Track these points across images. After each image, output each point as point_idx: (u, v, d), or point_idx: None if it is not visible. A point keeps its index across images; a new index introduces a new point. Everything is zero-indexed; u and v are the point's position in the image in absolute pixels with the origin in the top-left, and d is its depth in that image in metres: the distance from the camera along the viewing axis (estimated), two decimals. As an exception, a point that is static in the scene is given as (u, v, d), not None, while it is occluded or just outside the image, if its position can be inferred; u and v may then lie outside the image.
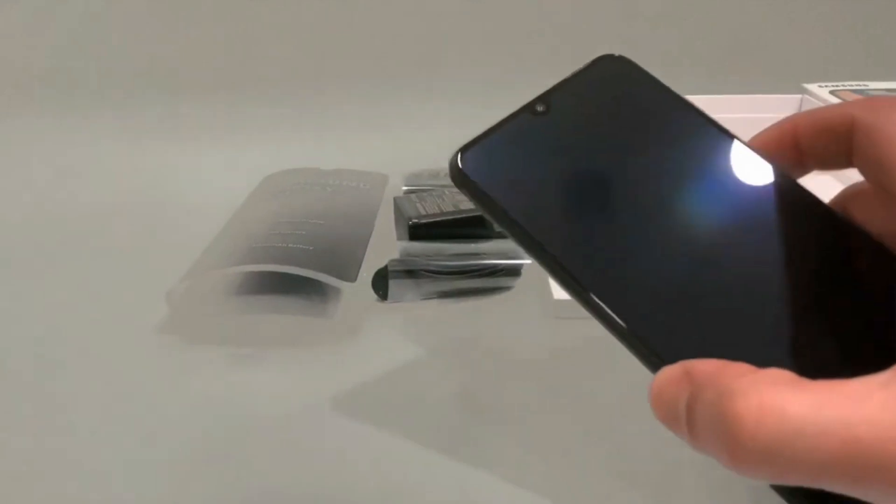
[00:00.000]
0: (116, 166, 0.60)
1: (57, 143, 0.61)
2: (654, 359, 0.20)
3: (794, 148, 0.23)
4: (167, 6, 0.64)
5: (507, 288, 0.44)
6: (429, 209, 0.47)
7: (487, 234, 0.46)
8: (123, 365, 0.39)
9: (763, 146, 0.24)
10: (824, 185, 0.24)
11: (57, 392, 0.37)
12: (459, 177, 0.24)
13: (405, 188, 0.53)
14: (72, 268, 0.47)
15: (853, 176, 0.22)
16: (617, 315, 0.21)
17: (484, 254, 0.44)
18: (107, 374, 0.38)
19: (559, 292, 0.41)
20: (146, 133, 0.62)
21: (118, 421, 0.35)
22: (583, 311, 0.21)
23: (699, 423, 0.16)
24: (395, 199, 0.49)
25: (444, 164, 0.56)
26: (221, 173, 0.58)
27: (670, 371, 0.18)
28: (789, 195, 0.22)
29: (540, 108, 0.25)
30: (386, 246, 0.45)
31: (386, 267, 0.43)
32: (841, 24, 0.72)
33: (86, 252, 0.49)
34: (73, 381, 0.38)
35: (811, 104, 0.54)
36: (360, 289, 0.41)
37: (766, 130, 0.24)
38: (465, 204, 0.47)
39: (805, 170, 0.24)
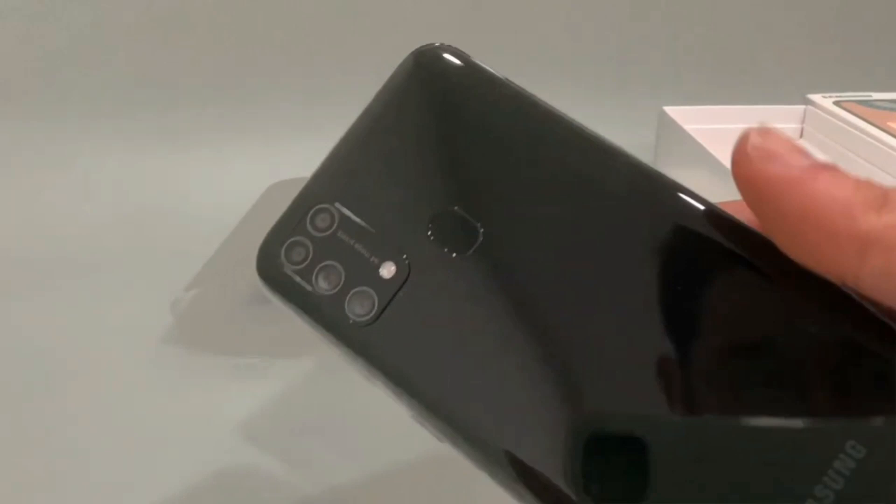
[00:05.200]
0: (118, 175, 0.60)
1: (56, 153, 0.61)
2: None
3: None
4: (166, 12, 0.64)
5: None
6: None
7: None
8: (128, 374, 0.39)
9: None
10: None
11: (59, 402, 0.37)
12: None
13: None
14: (74, 277, 0.47)
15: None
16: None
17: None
18: (111, 384, 0.38)
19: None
20: (149, 141, 0.63)
21: (122, 431, 0.35)
22: None
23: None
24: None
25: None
26: (226, 182, 0.58)
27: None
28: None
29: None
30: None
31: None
32: (846, 33, 0.72)
33: (89, 261, 0.49)
34: (77, 390, 0.38)
35: (815, 115, 0.54)
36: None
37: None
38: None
39: None
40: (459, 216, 0.17)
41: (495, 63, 0.23)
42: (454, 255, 0.17)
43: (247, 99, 0.65)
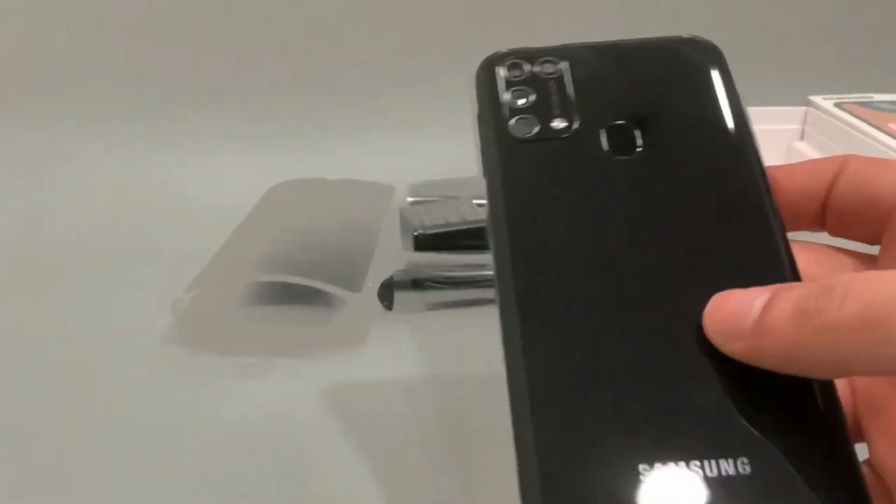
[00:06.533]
0: (119, 175, 0.60)
1: (57, 153, 0.61)
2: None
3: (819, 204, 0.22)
4: (166, 14, 0.64)
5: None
6: (434, 220, 0.47)
7: (493, 245, 0.46)
8: (128, 374, 0.39)
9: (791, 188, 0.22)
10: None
11: (60, 401, 0.37)
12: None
13: (410, 199, 0.53)
14: (76, 278, 0.47)
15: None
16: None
17: (489, 265, 0.44)
18: (111, 384, 0.38)
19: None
20: (151, 142, 0.63)
21: (122, 431, 0.35)
22: None
23: (777, 310, 0.17)
24: (401, 210, 0.49)
25: (450, 175, 0.56)
26: (226, 183, 0.58)
27: (738, 291, 0.19)
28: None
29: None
30: (392, 256, 0.46)
31: (391, 277, 0.43)
32: (846, 34, 0.72)
33: (90, 262, 0.49)
34: (77, 390, 0.38)
35: (816, 117, 0.55)
36: (365, 299, 0.41)
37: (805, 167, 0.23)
38: (471, 215, 0.47)
39: (819, 229, 0.23)
40: (634, 132, 0.22)
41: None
42: (608, 150, 0.22)
43: (247, 101, 0.65)
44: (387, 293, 0.43)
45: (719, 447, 0.17)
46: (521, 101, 0.23)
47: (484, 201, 0.22)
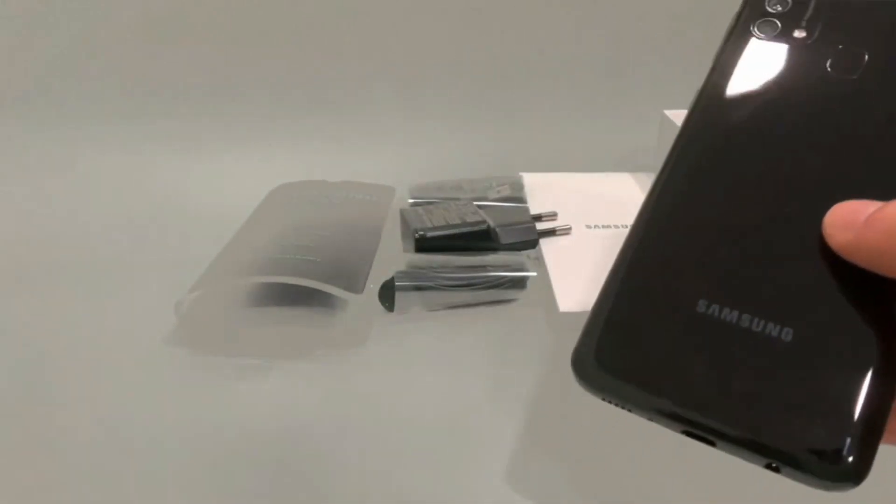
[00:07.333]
0: (123, 177, 0.60)
1: (61, 155, 0.62)
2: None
3: None
4: (166, 16, 0.64)
5: (513, 300, 0.44)
6: (435, 221, 0.47)
7: (493, 247, 0.46)
8: (131, 375, 0.39)
9: None
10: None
11: (62, 402, 0.37)
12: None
13: (411, 200, 0.53)
14: (80, 279, 0.47)
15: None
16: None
17: (490, 266, 0.44)
18: (114, 384, 0.38)
19: (565, 304, 0.42)
20: (154, 144, 0.63)
21: (125, 432, 0.35)
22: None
23: (890, 208, 0.19)
24: (402, 212, 0.49)
25: (451, 177, 0.56)
26: (228, 185, 0.59)
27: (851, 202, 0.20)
28: None
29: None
30: (392, 258, 0.46)
31: (392, 279, 0.43)
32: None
33: (94, 263, 0.49)
34: (80, 391, 0.38)
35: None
36: (366, 300, 0.42)
37: None
38: (471, 216, 0.47)
39: None
40: (860, 56, 0.24)
41: (495, 66, 0.24)
42: (830, 67, 0.24)
43: (248, 103, 0.65)
44: (387, 294, 0.43)
45: (775, 312, 0.20)
46: (777, 8, 0.25)
47: (483, 202, 0.23)
